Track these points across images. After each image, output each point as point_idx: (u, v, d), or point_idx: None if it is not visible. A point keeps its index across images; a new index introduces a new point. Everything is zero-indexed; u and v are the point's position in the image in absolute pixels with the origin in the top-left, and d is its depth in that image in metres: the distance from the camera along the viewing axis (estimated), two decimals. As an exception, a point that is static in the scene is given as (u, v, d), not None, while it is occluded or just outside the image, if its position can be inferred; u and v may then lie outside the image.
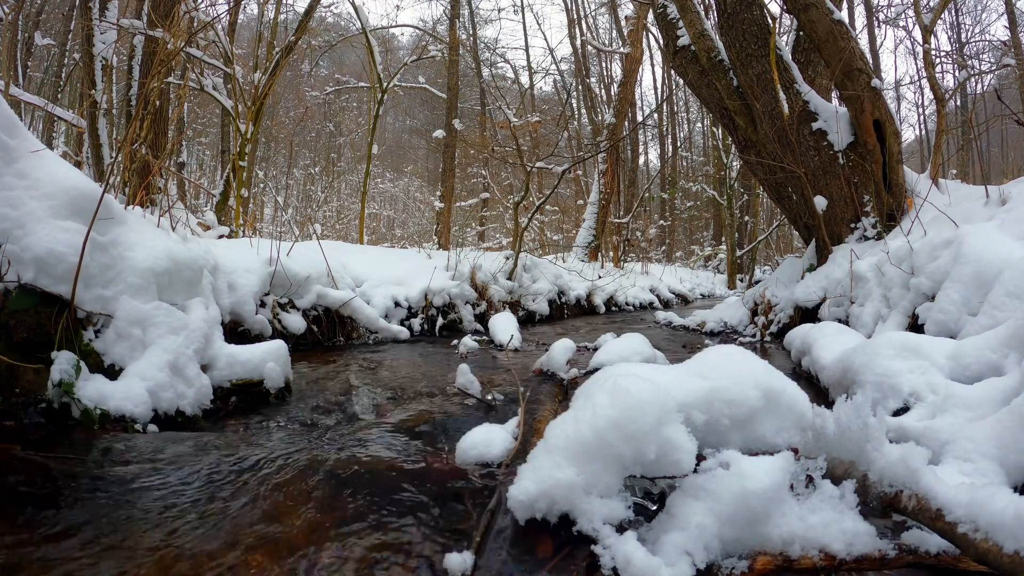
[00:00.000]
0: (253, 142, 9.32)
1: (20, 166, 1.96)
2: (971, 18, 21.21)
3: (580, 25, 19.15)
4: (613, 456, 1.19)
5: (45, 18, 15.03)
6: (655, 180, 22.98)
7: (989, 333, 2.06)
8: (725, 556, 1.09)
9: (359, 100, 24.54)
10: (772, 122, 5.15)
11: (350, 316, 4.18)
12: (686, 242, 25.67)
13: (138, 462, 1.48)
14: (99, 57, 6.56)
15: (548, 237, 18.80)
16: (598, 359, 2.76)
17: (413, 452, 1.69)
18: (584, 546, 1.11)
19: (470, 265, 5.56)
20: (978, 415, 1.61)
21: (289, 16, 14.17)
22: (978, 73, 14.17)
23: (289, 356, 2.54)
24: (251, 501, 1.28)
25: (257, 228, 14.92)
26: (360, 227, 9.97)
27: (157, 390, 1.91)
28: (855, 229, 4.80)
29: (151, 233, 2.41)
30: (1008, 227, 2.97)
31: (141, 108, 5.06)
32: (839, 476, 1.25)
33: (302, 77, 19.49)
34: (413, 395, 2.51)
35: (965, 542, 0.99)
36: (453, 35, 13.57)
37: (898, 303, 3.28)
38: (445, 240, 13.07)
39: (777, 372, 1.53)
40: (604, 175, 13.04)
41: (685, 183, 22.45)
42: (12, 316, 1.79)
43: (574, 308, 7.43)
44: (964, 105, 19.68)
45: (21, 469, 1.37)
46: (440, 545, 1.14)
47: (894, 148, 4.71)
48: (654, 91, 26.50)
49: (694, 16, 5.83)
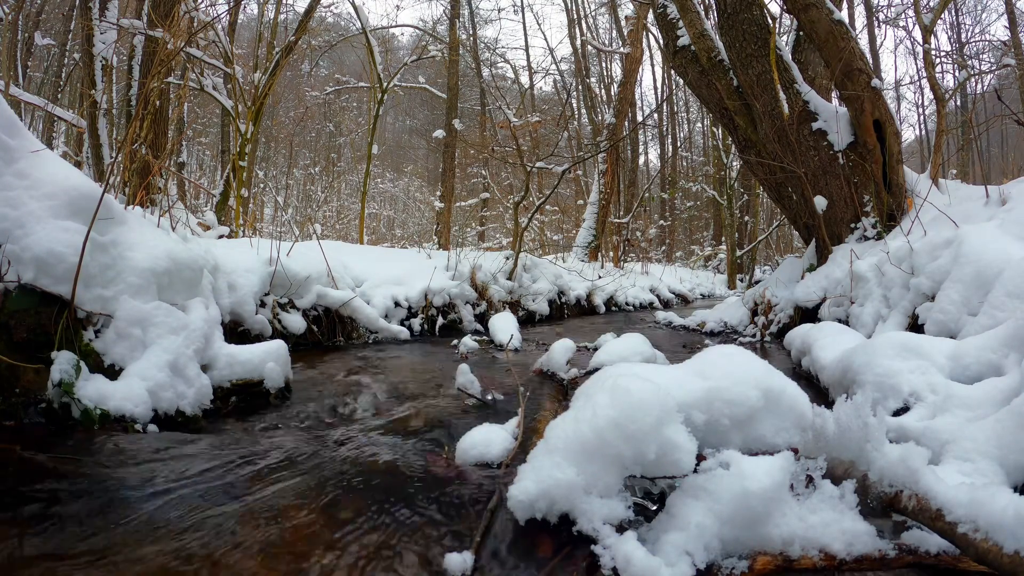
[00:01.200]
0: (253, 142, 9.32)
1: (20, 166, 1.96)
2: (971, 18, 21.21)
3: (580, 25, 19.15)
4: (613, 456, 1.19)
5: (45, 18, 15.03)
6: (655, 180, 22.97)
7: (989, 333, 2.06)
8: (725, 556, 1.09)
9: (359, 100, 24.52)
10: (772, 122, 5.15)
11: (350, 316, 4.17)
12: (686, 242, 25.66)
13: (138, 462, 1.48)
14: (99, 57, 6.56)
15: (548, 237, 18.79)
16: (598, 359, 2.76)
17: (413, 452, 1.69)
18: (584, 546, 1.11)
19: (470, 265, 5.56)
20: (978, 415, 1.61)
21: (289, 16, 14.17)
22: (978, 73, 14.16)
23: (289, 356, 2.54)
24: (251, 501, 1.28)
25: (257, 228, 14.92)
26: (360, 227, 9.97)
27: (157, 390, 1.91)
28: (855, 229, 4.80)
29: (151, 233, 2.41)
30: (1008, 227, 2.97)
31: (141, 108, 5.05)
32: (839, 476, 1.25)
33: (302, 77, 19.49)
34: (413, 395, 2.51)
35: (965, 542, 0.99)
36: (453, 35, 13.57)
37: (898, 303, 3.28)
38: (445, 240, 13.07)
39: (777, 372, 1.53)
40: (604, 175, 13.04)
41: (685, 183, 22.44)
42: (12, 316, 1.79)
43: (574, 308, 7.43)
44: (964, 105, 19.67)
45: (21, 469, 1.37)
46: (440, 545, 1.14)
47: (894, 148, 4.71)
48: (654, 91, 26.51)
49: (694, 16, 5.83)
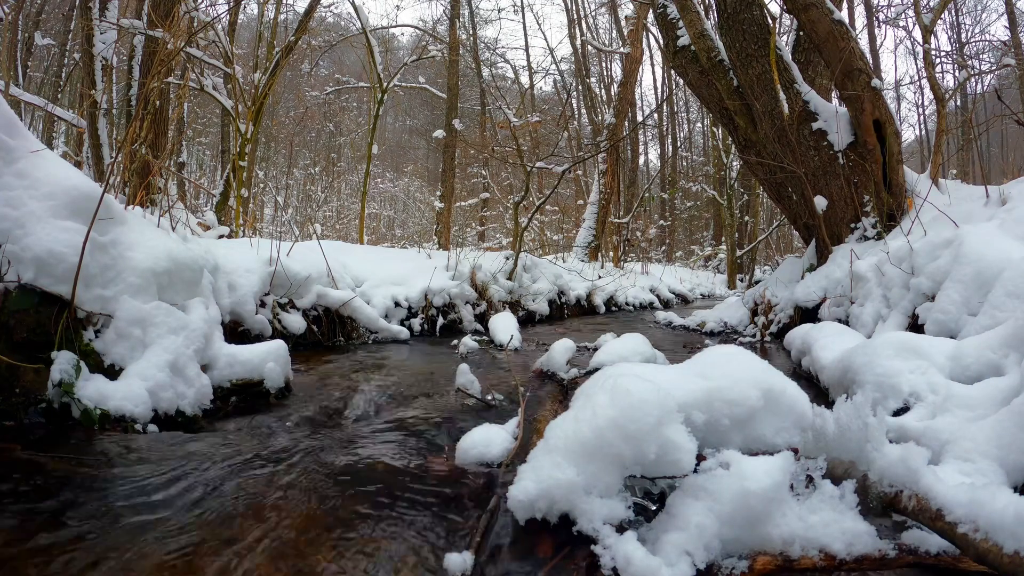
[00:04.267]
0: (253, 142, 9.32)
1: (20, 166, 1.96)
2: (971, 18, 21.21)
3: (580, 25, 19.14)
4: (613, 456, 1.19)
5: (45, 18, 15.02)
6: (655, 180, 22.97)
7: (989, 333, 2.06)
8: (725, 556, 1.09)
9: (359, 100, 24.52)
10: (772, 122, 5.15)
11: (350, 316, 4.17)
12: (686, 242, 25.65)
13: (138, 462, 1.48)
14: (99, 57, 6.56)
15: (548, 237, 18.79)
16: (598, 359, 2.76)
17: (413, 452, 1.69)
18: (584, 546, 1.11)
19: (470, 265, 5.56)
20: (978, 415, 1.61)
21: (289, 16, 14.16)
22: (978, 73, 14.15)
23: (289, 356, 2.54)
24: (251, 501, 1.28)
25: (257, 228, 14.91)
26: (360, 227, 9.96)
27: (157, 390, 1.91)
28: (855, 229, 4.80)
29: (151, 233, 2.40)
30: (1008, 227, 2.97)
31: (141, 108, 5.05)
32: (839, 476, 1.25)
33: (302, 77, 19.47)
34: (413, 395, 2.51)
35: (965, 542, 0.99)
36: (453, 35, 13.56)
37: (898, 303, 3.28)
38: (445, 240, 13.06)
39: (777, 372, 1.53)
40: (604, 175, 13.04)
41: (685, 183, 22.44)
42: (12, 316, 1.79)
43: (574, 308, 7.43)
44: (964, 105, 19.68)
45: (21, 469, 1.37)
46: (440, 545, 1.14)
47: (894, 148, 4.71)
48: (654, 91, 26.49)
49: (694, 16, 5.83)
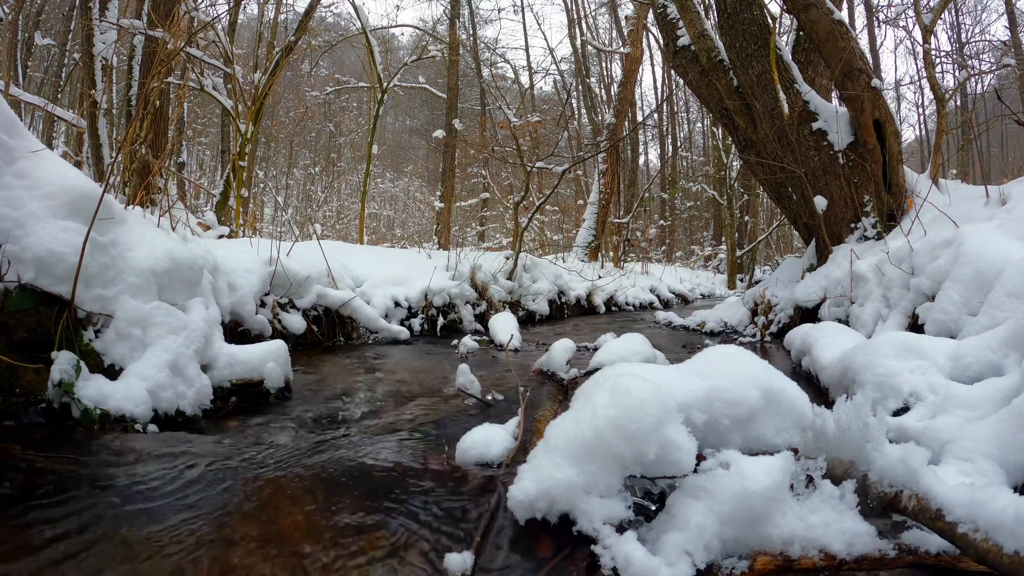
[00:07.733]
0: (253, 142, 9.32)
1: (20, 166, 1.96)
2: (971, 18, 21.20)
3: (580, 25, 19.14)
4: (613, 456, 1.19)
5: (45, 18, 15.01)
6: (655, 180, 22.95)
7: (989, 333, 2.06)
8: (725, 556, 1.09)
9: (359, 100, 24.51)
10: (772, 122, 5.15)
11: (350, 316, 4.17)
12: (686, 242, 25.64)
13: (138, 462, 1.48)
14: (99, 57, 6.55)
15: (548, 237, 18.78)
16: (598, 359, 2.76)
17: (413, 452, 1.69)
18: (584, 546, 1.11)
19: (470, 265, 5.55)
20: (978, 415, 1.61)
21: (289, 16, 14.17)
22: (978, 73, 14.16)
23: (289, 356, 2.54)
24: (251, 501, 1.28)
25: (257, 228, 14.90)
26: (360, 227, 9.96)
27: (157, 390, 1.90)
28: (855, 229, 4.80)
29: (151, 233, 2.40)
30: (1008, 227, 2.97)
31: (141, 108, 5.05)
32: (839, 476, 1.25)
33: (302, 77, 19.47)
34: (413, 395, 2.51)
35: (965, 542, 0.99)
36: (453, 35, 13.55)
37: (898, 303, 3.28)
38: (445, 240, 13.06)
39: (777, 372, 1.53)
40: (604, 175, 13.04)
41: (685, 183, 22.43)
42: (12, 316, 1.79)
43: (574, 308, 7.43)
44: (964, 105, 19.65)
45: (21, 469, 1.37)
46: (440, 545, 1.14)
47: (894, 148, 4.71)
48: (654, 91, 26.50)
49: (694, 16, 5.83)
